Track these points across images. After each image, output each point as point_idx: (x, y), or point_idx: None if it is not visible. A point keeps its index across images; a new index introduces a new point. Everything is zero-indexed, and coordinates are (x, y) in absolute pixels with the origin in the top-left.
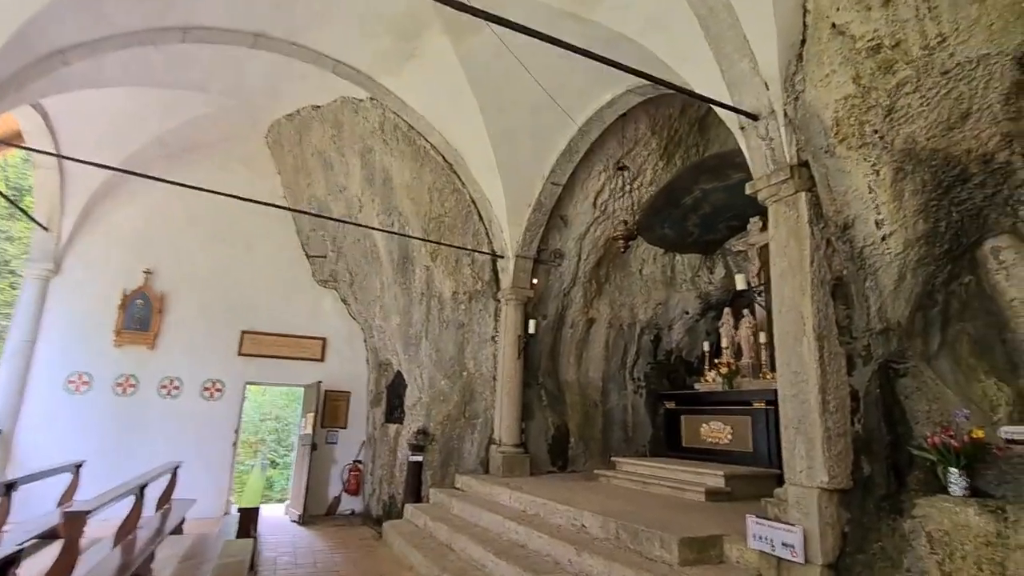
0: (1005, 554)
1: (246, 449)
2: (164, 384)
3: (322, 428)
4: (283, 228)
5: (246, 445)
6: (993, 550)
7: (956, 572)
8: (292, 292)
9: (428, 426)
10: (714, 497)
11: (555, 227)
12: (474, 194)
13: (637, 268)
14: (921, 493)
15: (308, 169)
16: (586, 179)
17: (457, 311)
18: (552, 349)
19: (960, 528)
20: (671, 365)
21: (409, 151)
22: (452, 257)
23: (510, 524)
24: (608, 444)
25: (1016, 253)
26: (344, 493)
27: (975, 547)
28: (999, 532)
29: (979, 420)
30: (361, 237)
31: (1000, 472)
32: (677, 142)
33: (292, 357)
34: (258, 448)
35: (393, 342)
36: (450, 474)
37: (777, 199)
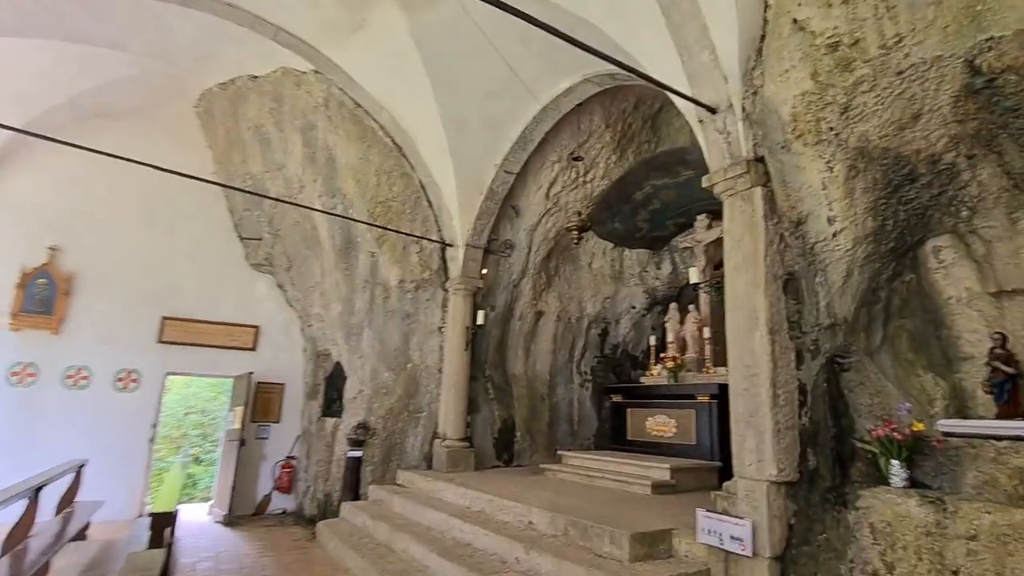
0: (943, 544)
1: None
2: (70, 374)
3: (252, 422)
4: (213, 206)
5: (168, 441)
6: (932, 540)
7: (897, 562)
8: (222, 276)
9: (369, 420)
10: (660, 490)
11: (506, 217)
12: (424, 179)
13: (587, 262)
14: (864, 485)
15: (243, 144)
16: (539, 169)
17: (403, 300)
18: (500, 341)
19: (901, 519)
20: (617, 359)
21: (355, 130)
22: (399, 244)
23: (455, 522)
24: (554, 437)
25: (955, 253)
26: (275, 491)
27: (915, 537)
28: (938, 522)
29: (918, 413)
30: (300, 219)
31: (937, 464)
32: (630, 137)
33: (220, 346)
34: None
35: (333, 331)
36: (391, 470)
37: (733, 193)
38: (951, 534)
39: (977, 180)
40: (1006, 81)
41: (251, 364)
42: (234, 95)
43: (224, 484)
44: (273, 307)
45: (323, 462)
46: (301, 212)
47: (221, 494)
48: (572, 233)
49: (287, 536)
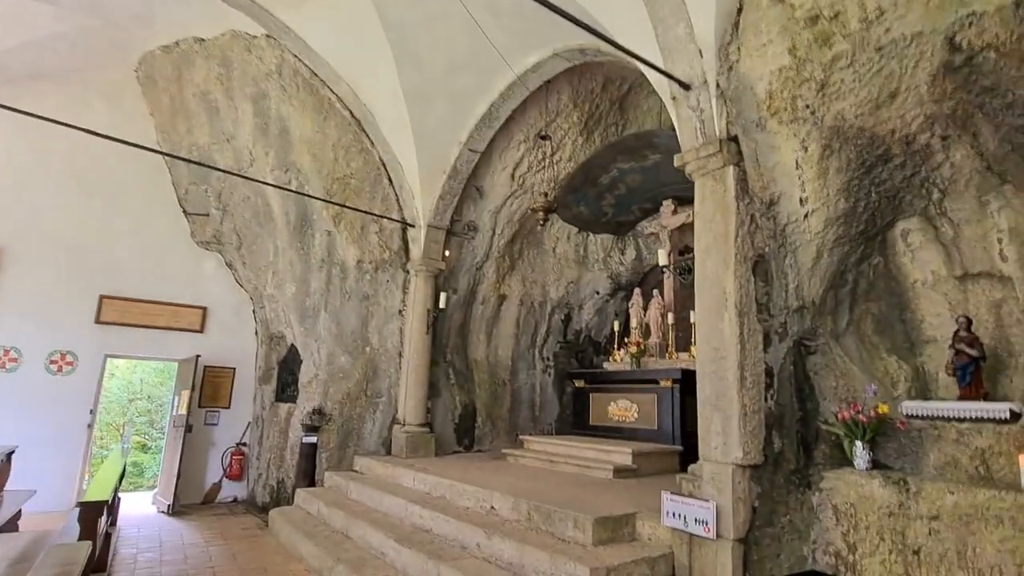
0: (906, 524)
1: (112, 432)
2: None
3: (200, 408)
4: (156, 179)
5: (112, 428)
6: (895, 520)
7: (859, 542)
8: (166, 253)
9: (325, 405)
10: (621, 474)
11: (470, 198)
12: (384, 156)
13: (551, 246)
14: (828, 467)
15: (188, 112)
16: (505, 149)
17: (361, 281)
18: (462, 326)
19: (865, 500)
20: (580, 345)
21: (311, 101)
22: (357, 222)
23: (414, 508)
24: (515, 423)
25: (923, 236)
26: (225, 479)
27: (878, 518)
28: (901, 503)
29: (882, 396)
30: (251, 194)
31: (900, 445)
32: (597, 119)
33: (165, 327)
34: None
35: (287, 313)
36: (348, 456)
37: (705, 172)
38: (913, 514)
39: (950, 161)
40: (985, 59)
41: (199, 347)
42: (178, 59)
43: (169, 472)
44: (222, 287)
45: (276, 449)
46: (252, 187)
47: (166, 483)
48: (538, 214)
49: (237, 524)
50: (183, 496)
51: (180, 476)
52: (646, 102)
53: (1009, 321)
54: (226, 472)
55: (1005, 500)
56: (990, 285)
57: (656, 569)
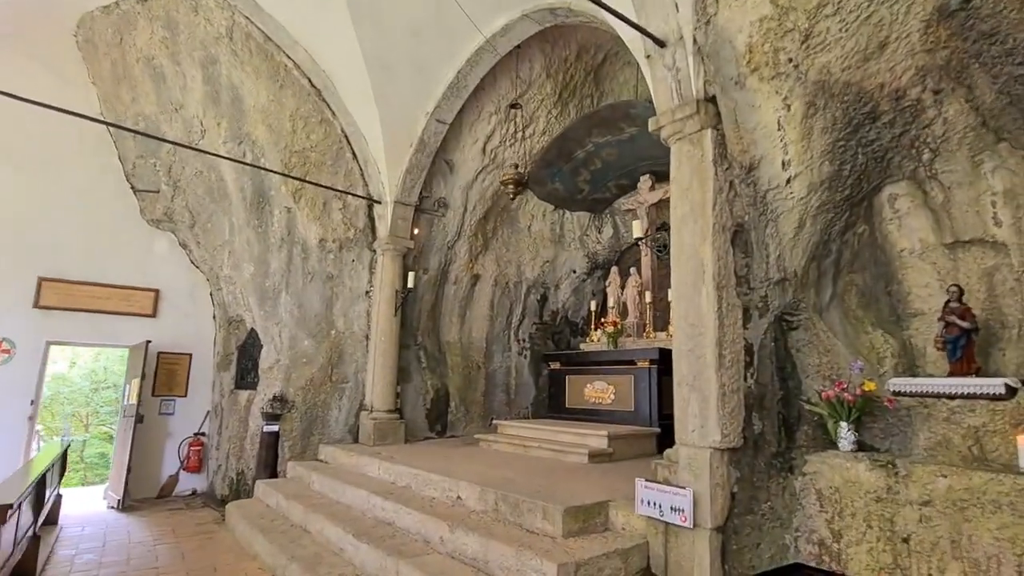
0: (895, 510)
1: (76, 424)
2: None
3: (155, 397)
4: (101, 152)
5: (76, 420)
6: (883, 506)
7: (845, 530)
8: (114, 232)
9: (287, 392)
10: (597, 459)
11: (440, 173)
12: (347, 127)
13: (526, 224)
14: (811, 449)
15: (133, 79)
16: (475, 121)
17: (325, 261)
18: (433, 307)
19: (850, 484)
20: (556, 326)
21: (266, 68)
22: (319, 199)
23: (376, 500)
24: (490, 407)
25: (911, 201)
26: (183, 471)
27: (865, 503)
28: (889, 487)
29: (868, 373)
30: (204, 168)
31: (887, 425)
32: (572, 90)
33: (114, 312)
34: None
35: (246, 295)
36: (313, 445)
37: (681, 137)
38: (903, 499)
39: (943, 117)
40: (983, 1)
41: (151, 332)
42: (119, 21)
43: (119, 465)
44: (176, 268)
45: (236, 438)
46: (204, 161)
47: (116, 476)
48: (508, 187)
49: (192, 520)
50: (136, 490)
51: (131, 469)
52: (622, 73)
53: (1002, 290)
54: (183, 464)
55: (1004, 483)
56: (982, 252)
57: (629, 562)
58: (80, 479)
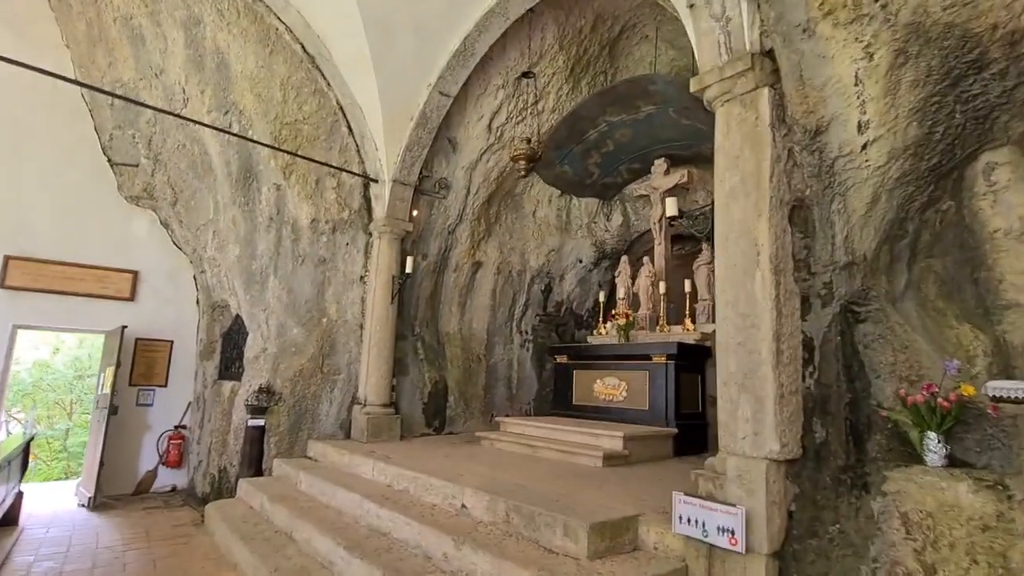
0: (1009, 542)
1: (60, 413)
2: None
3: (132, 387)
4: (75, 123)
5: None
6: (992, 537)
7: (941, 564)
8: (89, 209)
9: (274, 383)
10: (612, 462)
11: (441, 151)
12: (342, 99)
13: (531, 210)
14: (890, 464)
15: (109, 42)
16: (481, 95)
17: (317, 244)
18: (432, 295)
19: (947, 509)
20: (561, 318)
21: (254, 31)
22: (312, 176)
23: (370, 505)
24: (491, 402)
25: (1012, 172)
26: (162, 466)
27: (967, 532)
28: (1000, 514)
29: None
30: (187, 141)
31: (984, 437)
32: (585, 64)
33: (89, 294)
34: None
35: (231, 279)
36: (301, 441)
37: (730, 98)
38: (1019, 529)
39: None
40: None
41: (128, 316)
42: None
43: (92, 460)
44: (156, 249)
45: (219, 432)
46: (187, 132)
47: (88, 472)
48: (519, 163)
49: (169, 521)
50: (111, 486)
51: (103, 464)
52: (638, 49)
53: None
54: (162, 459)
55: None
56: None
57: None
58: (63, 469)
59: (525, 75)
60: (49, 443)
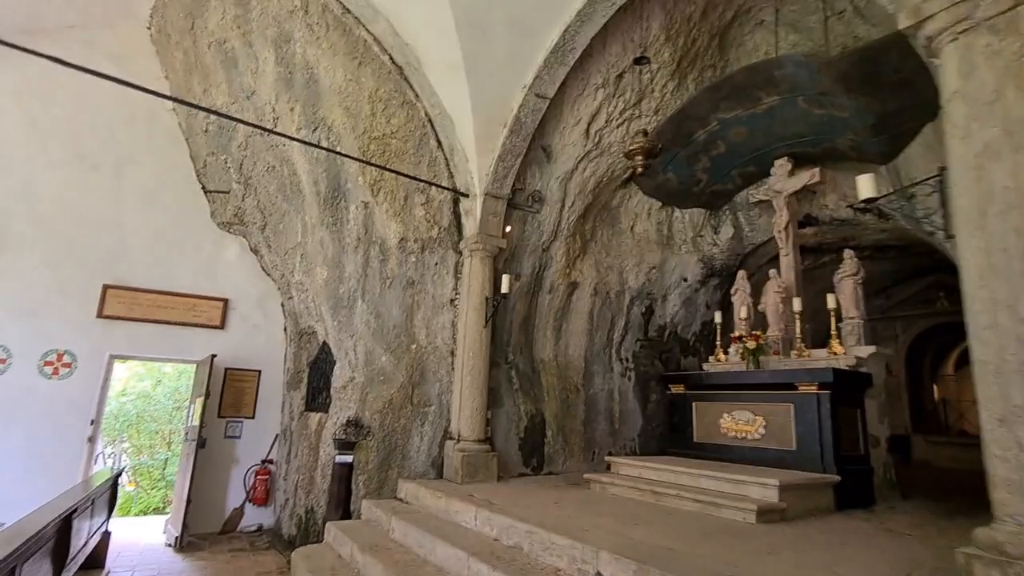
0: None
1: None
2: None
3: (220, 418)
4: (171, 150)
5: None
6: None
7: None
8: (181, 237)
9: (363, 415)
10: (767, 517)
11: (534, 161)
12: (431, 110)
13: (628, 225)
14: None
15: (204, 68)
16: (578, 97)
17: (405, 264)
18: (526, 320)
19: None
20: (664, 343)
21: (343, 44)
22: (400, 191)
23: (479, 567)
24: (591, 438)
25: None
26: (248, 503)
27: None
28: None
29: None
30: (276, 163)
31: None
32: (693, 58)
33: (180, 323)
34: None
35: (318, 303)
36: (391, 480)
37: (970, 26)
38: None
39: None
40: None
41: (219, 346)
42: (191, 3)
43: (179, 496)
44: (246, 275)
45: (306, 468)
46: (277, 155)
47: (176, 508)
48: (635, 160)
49: (254, 567)
50: (198, 523)
51: (191, 500)
52: (751, 38)
53: None
54: (249, 495)
55: None
56: None
57: None
58: (161, 498)
59: (638, 61)
60: (150, 472)
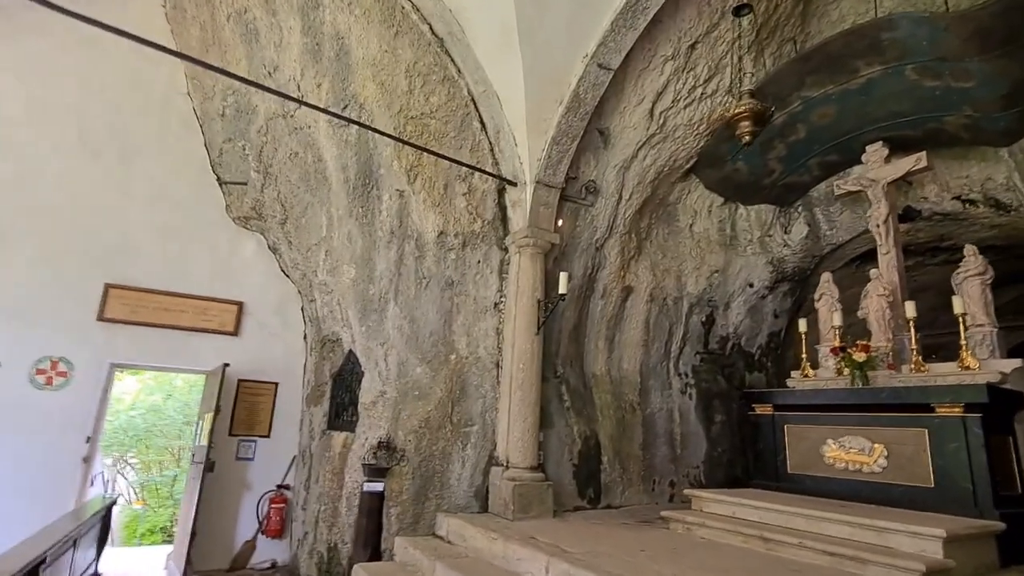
0: None
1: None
2: None
3: (232, 436)
4: (184, 138)
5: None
6: None
7: None
8: (193, 232)
9: (395, 436)
10: None
11: (590, 147)
12: (474, 87)
13: (687, 223)
14: None
15: (222, 44)
16: (643, 71)
17: (444, 262)
18: (576, 328)
19: None
20: (727, 357)
21: (378, 11)
22: (439, 179)
23: None
24: (651, 464)
25: None
26: (261, 535)
27: None
28: None
29: None
30: (301, 149)
31: None
32: (772, 29)
33: (190, 328)
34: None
35: (344, 307)
36: (428, 513)
37: None
38: None
39: None
40: None
41: (232, 354)
42: None
43: (184, 526)
44: (263, 276)
45: (328, 498)
46: (301, 140)
47: (179, 540)
48: (742, 125)
49: None
50: (205, 558)
51: (195, 533)
52: (836, 8)
53: None
54: (262, 526)
55: None
56: None
57: None
58: (169, 516)
59: (738, 11)
60: (158, 489)
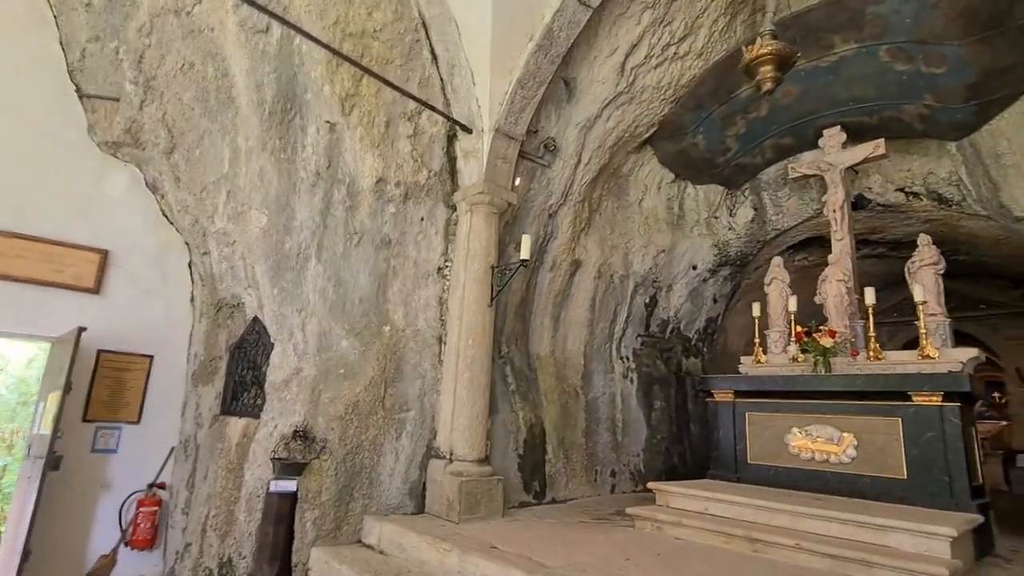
0: None
1: None
2: None
3: (87, 422)
4: (31, 33)
5: None
6: None
7: None
8: (44, 157)
9: (314, 424)
10: None
11: (552, 99)
12: (427, 10)
13: (637, 197)
14: None
15: None
16: (620, 17)
17: (381, 216)
18: (523, 303)
19: None
20: (666, 340)
21: None
22: (381, 115)
23: None
24: (593, 454)
25: None
26: (124, 546)
27: None
28: None
29: None
30: (198, 60)
31: None
32: None
33: (35, 280)
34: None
35: (251, 262)
36: (353, 516)
37: None
38: None
39: None
40: None
41: (91, 316)
42: None
43: (12, 541)
44: (137, 219)
45: (221, 499)
46: (199, 46)
47: (8, 555)
48: (764, 70)
49: None
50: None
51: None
52: None
53: None
54: (126, 536)
55: None
56: None
57: None
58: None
59: None
60: None
